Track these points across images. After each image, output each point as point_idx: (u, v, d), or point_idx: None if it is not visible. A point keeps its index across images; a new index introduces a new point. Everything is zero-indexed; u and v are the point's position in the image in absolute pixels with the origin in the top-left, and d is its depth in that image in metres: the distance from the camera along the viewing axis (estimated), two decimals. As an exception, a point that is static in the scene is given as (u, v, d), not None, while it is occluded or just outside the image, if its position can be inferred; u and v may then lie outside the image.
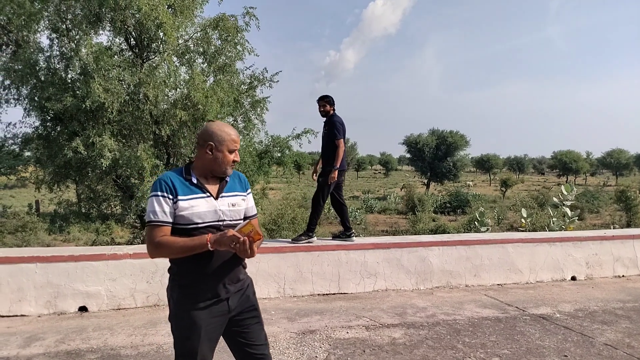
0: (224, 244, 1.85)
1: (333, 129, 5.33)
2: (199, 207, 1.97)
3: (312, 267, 5.17)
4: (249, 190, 2.21)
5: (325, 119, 5.54)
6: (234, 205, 2.06)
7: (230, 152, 2.04)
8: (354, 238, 5.57)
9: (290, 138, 11.58)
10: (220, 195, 2.05)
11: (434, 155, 49.65)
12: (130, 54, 10.06)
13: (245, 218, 2.13)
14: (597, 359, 3.49)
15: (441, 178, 50.45)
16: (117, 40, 9.88)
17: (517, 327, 4.22)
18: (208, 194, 2.02)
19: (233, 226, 1.99)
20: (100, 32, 9.49)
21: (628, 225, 24.84)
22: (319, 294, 5.18)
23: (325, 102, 5.49)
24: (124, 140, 9.68)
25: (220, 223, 2.00)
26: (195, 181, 2.02)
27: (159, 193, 1.96)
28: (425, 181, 51.75)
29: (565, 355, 3.55)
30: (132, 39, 9.93)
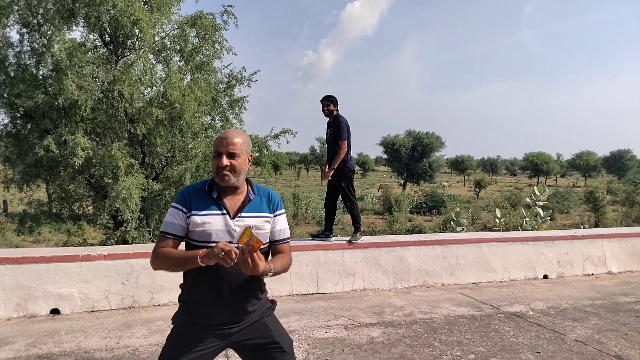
0: (212, 256, 1.64)
1: (339, 129, 5.36)
2: (212, 224, 1.81)
3: (291, 267, 5.16)
4: (280, 212, 1.97)
5: (329, 119, 5.56)
6: (252, 228, 1.80)
7: (216, 155, 1.86)
8: (333, 239, 5.60)
9: (268, 138, 11.53)
10: (239, 215, 1.85)
11: (410, 156, 50.22)
12: (104, 50, 9.85)
13: (273, 242, 1.94)
14: (568, 355, 3.60)
15: (417, 179, 51.08)
16: (91, 36, 9.66)
17: (492, 324, 4.31)
18: (224, 211, 1.84)
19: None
20: (74, 27, 9.26)
21: (596, 225, 25.66)
22: (297, 294, 5.18)
23: (330, 102, 5.52)
24: (97, 139, 9.47)
25: (235, 245, 1.71)
26: (215, 196, 1.86)
27: (175, 204, 1.86)
28: (402, 182, 52.29)
29: (539, 352, 3.65)
30: (106, 36, 9.72)
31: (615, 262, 6.62)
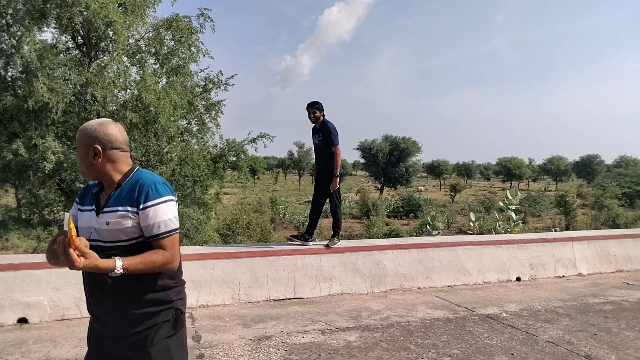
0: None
1: (329, 135, 5.35)
2: (81, 221, 1.74)
3: (268, 272, 5.14)
4: (150, 203, 1.67)
5: (314, 125, 5.54)
6: (108, 224, 1.67)
7: None
8: (311, 244, 5.58)
9: (245, 142, 11.48)
10: (102, 211, 1.70)
11: (388, 161, 50.72)
12: (77, 52, 9.66)
13: (149, 238, 1.69)
14: (540, 356, 3.68)
15: (394, 183, 51.61)
16: (63, 38, 9.49)
17: (467, 327, 4.37)
18: (94, 207, 1.73)
19: (107, 250, 1.64)
20: (45, 29, 9.07)
21: (567, 228, 26.40)
22: (274, 299, 5.15)
23: (315, 108, 5.48)
24: (69, 142, 9.25)
25: (95, 244, 1.63)
26: (95, 191, 1.78)
27: (77, 197, 1.84)
28: (379, 186, 52.73)
29: (512, 354, 3.72)
30: (79, 37, 9.54)
31: (585, 264, 6.81)
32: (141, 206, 1.67)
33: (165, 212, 1.69)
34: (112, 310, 1.71)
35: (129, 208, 1.68)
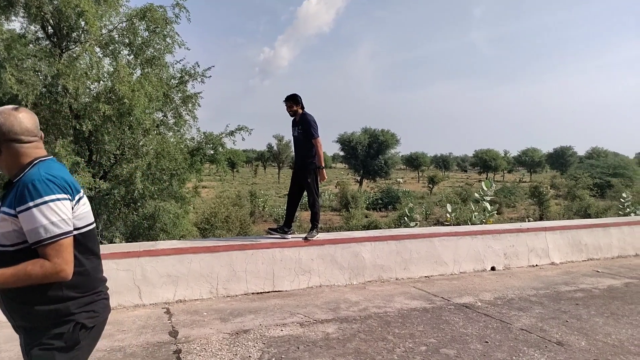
0: None
1: (309, 128, 5.32)
2: None
3: (247, 265, 5.12)
4: (23, 207, 1.49)
5: (294, 118, 5.50)
6: None
7: None
8: (290, 236, 5.58)
9: (223, 135, 11.35)
10: None
11: (367, 153, 50.97)
12: (48, 43, 9.37)
13: (33, 245, 1.51)
14: (514, 344, 3.77)
15: (373, 175, 51.96)
16: (32, 27, 9.17)
17: (443, 316, 4.44)
18: None
19: None
20: (13, 18, 8.74)
21: (541, 218, 27.05)
22: (253, 293, 5.13)
23: (292, 102, 5.44)
24: (40, 136, 8.99)
25: None
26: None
27: None
28: (358, 178, 53.00)
29: (487, 341, 3.80)
30: (49, 27, 9.24)
31: (558, 253, 6.99)
32: (17, 209, 1.49)
33: (44, 216, 1.48)
34: (9, 317, 1.62)
35: (8, 210, 1.51)
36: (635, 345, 3.75)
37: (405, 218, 12.57)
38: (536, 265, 6.80)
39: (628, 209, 16.11)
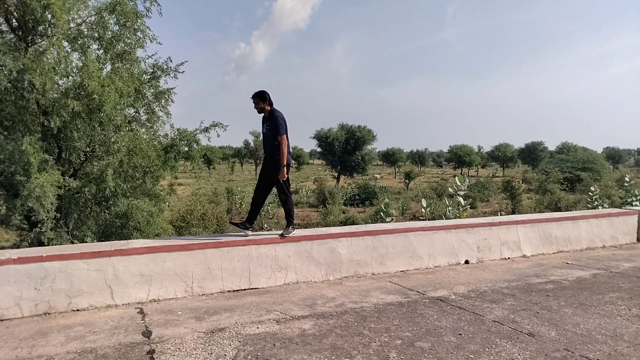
0: None
1: (277, 125, 5.24)
2: None
3: (222, 263, 5.06)
4: None
5: (263, 115, 5.43)
6: None
7: None
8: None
9: (198, 131, 11.16)
10: None
11: (344, 150, 51.09)
12: (12, 36, 9.00)
13: None
14: (487, 335, 3.84)
15: (350, 171, 52.12)
16: (-6, 20, 8.79)
17: (418, 310, 4.49)
18: None
19: None
20: (-27, 10, 8.37)
21: (513, 212, 27.66)
22: (229, 291, 5.08)
23: (259, 99, 5.36)
24: (5, 133, 8.67)
25: None
26: None
27: None
28: (336, 174, 53.09)
29: (460, 334, 3.86)
30: (14, 20, 8.89)
31: (529, 246, 7.16)
32: None
33: None
34: None
35: None
36: (603, 335, 3.88)
37: (382, 213, 12.66)
38: (508, 258, 6.94)
39: (596, 202, 16.61)
